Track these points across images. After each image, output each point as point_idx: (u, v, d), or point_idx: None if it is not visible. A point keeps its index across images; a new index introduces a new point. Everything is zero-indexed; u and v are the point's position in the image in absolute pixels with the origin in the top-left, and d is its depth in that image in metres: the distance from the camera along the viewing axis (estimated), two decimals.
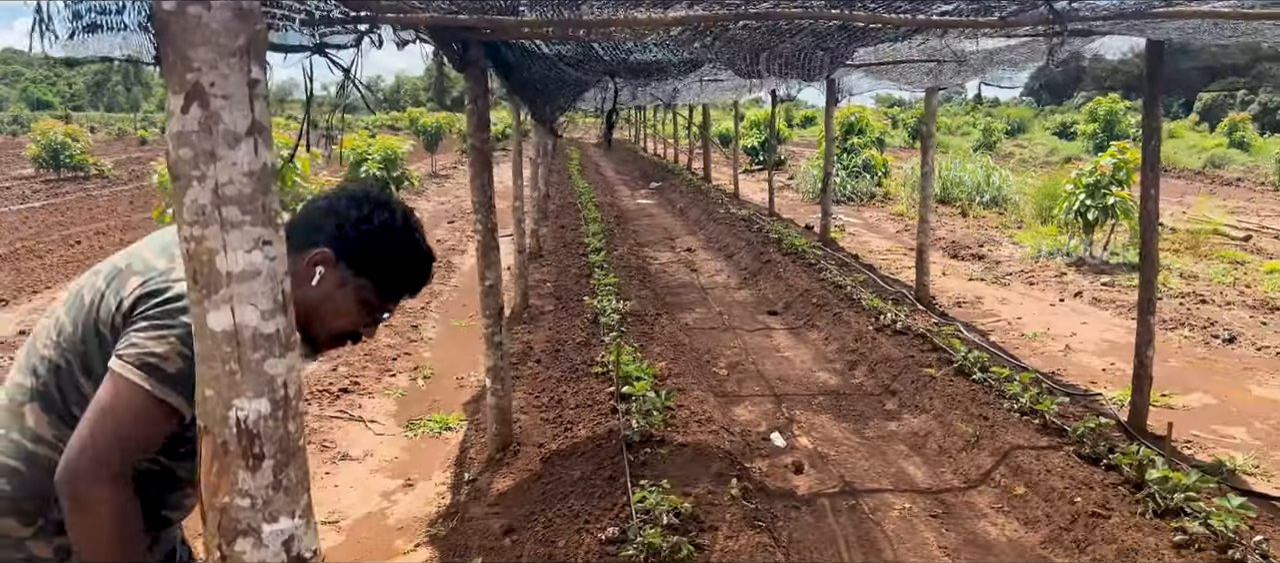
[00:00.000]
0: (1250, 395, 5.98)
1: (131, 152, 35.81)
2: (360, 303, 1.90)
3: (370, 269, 1.88)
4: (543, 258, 11.10)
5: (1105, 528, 3.88)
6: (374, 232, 1.87)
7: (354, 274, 1.87)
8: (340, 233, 1.86)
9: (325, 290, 1.85)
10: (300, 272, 1.81)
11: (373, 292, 1.90)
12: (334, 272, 1.85)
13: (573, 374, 6.19)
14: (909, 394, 5.89)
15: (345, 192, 1.94)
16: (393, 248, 1.90)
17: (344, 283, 1.86)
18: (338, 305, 1.88)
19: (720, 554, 3.72)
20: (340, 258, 1.85)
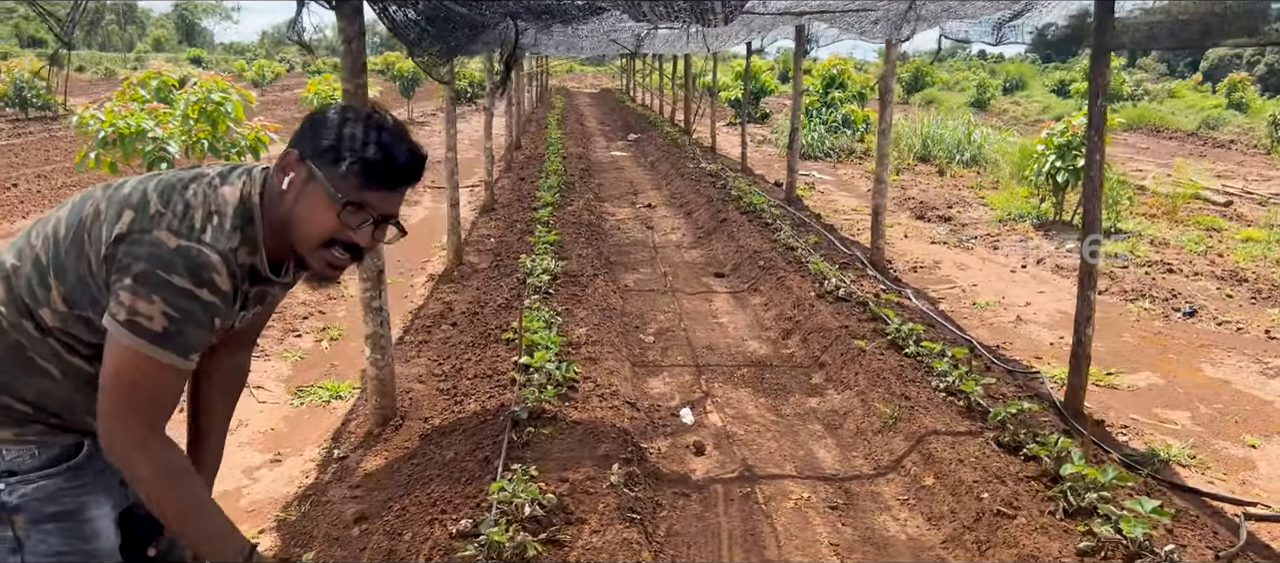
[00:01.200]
0: (1200, 376, 5.62)
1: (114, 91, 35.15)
2: (331, 197, 1.77)
3: (330, 153, 1.78)
4: (495, 211, 10.69)
5: (1009, 529, 3.52)
6: (336, 118, 1.81)
7: (319, 164, 1.78)
8: (305, 132, 1.83)
9: (294, 193, 1.80)
10: (273, 182, 1.82)
11: (339, 178, 1.77)
12: (301, 168, 1.80)
13: (483, 340, 5.81)
14: (837, 368, 5.53)
15: (319, 107, 1.90)
16: (351, 128, 1.79)
17: (311, 177, 1.78)
18: (311, 205, 1.79)
19: (579, 552, 3.37)
20: (305, 154, 1.80)
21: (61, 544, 1.83)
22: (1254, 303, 7.15)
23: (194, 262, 1.67)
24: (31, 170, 13.66)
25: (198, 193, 1.75)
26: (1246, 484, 4.22)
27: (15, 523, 1.80)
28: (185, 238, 1.68)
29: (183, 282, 1.66)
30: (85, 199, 1.80)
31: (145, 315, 1.65)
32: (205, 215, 1.72)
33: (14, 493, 1.79)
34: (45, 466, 1.82)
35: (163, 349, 1.67)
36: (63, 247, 1.75)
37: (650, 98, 31.46)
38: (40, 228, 1.81)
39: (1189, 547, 3.42)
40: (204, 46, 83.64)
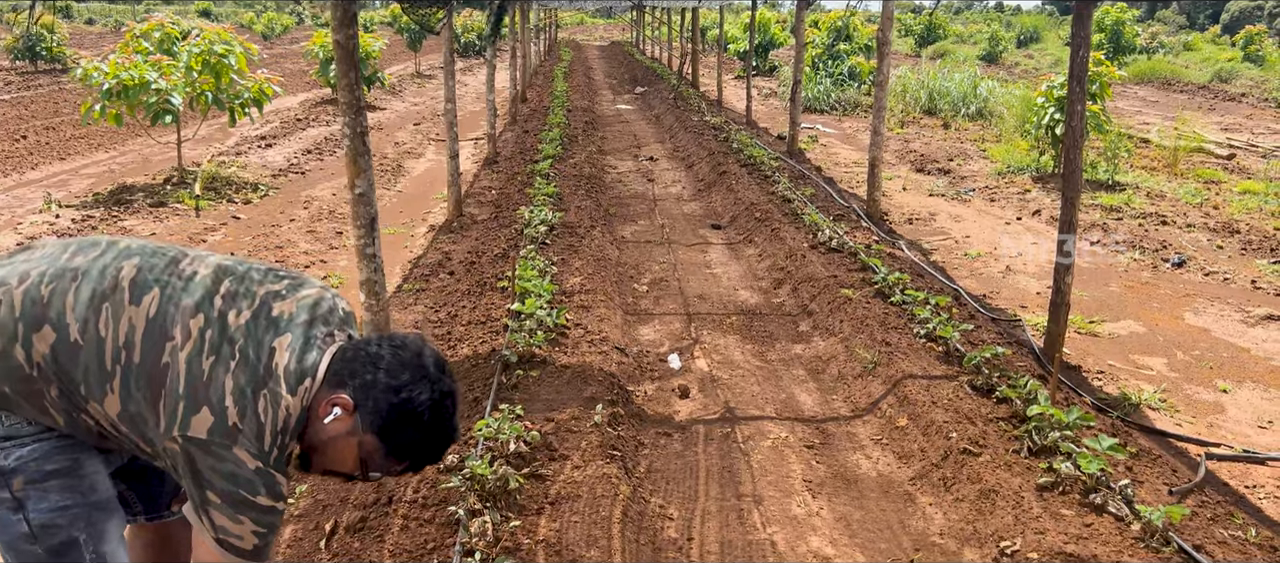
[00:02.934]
0: (1181, 324, 5.72)
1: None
2: (363, 458, 1.93)
3: (381, 432, 1.89)
4: (497, 164, 10.78)
5: (973, 466, 3.66)
6: (398, 403, 1.88)
7: (365, 430, 1.89)
8: (369, 387, 1.89)
9: (334, 434, 1.90)
10: (319, 406, 1.89)
11: (378, 454, 1.92)
12: (349, 420, 1.89)
13: (479, 288, 5.95)
14: (823, 316, 5.65)
15: (397, 345, 1.95)
16: (411, 421, 1.90)
17: (353, 434, 1.90)
18: (341, 452, 1.92)
19: (561, 486, 3.53)
20: (358, 409, 1.89)
21: (62, 498, 1.93)
22: (1243, 254, 7.21)
23: (271, 485, 1.81)
24: (41, 122, 13.80)
25: (268, 407, 1.81)
26: (1213, 426, 4.34)
27: (13, 485, 1.90)
28: (261, 460, 1.79)
29: (265, 502, 1.80)
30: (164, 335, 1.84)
31: (237, 535, 1.80)
32: (273, 434, 1.81)
33: (9, 456, 1.89)
34: (41, 431, 1.93)
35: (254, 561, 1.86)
36: (135, 374, 1.82)
37: (659, 51, 31.29)
38: (111, 317, 1.85)
39: (1146, 483, 3.55)
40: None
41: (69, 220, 7.80)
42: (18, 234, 7.44)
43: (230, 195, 8.92)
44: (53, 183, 9.61)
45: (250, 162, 10.70)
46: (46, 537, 1.92)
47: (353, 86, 4.42)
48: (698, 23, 20.35)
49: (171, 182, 9.24)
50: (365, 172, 4.54)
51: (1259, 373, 4.97)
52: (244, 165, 10.33)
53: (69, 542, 1.94)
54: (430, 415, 1.90)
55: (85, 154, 11.43)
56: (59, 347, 1.83)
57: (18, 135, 12.37)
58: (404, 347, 1.96)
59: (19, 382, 1.85)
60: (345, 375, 1.91)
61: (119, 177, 9.85)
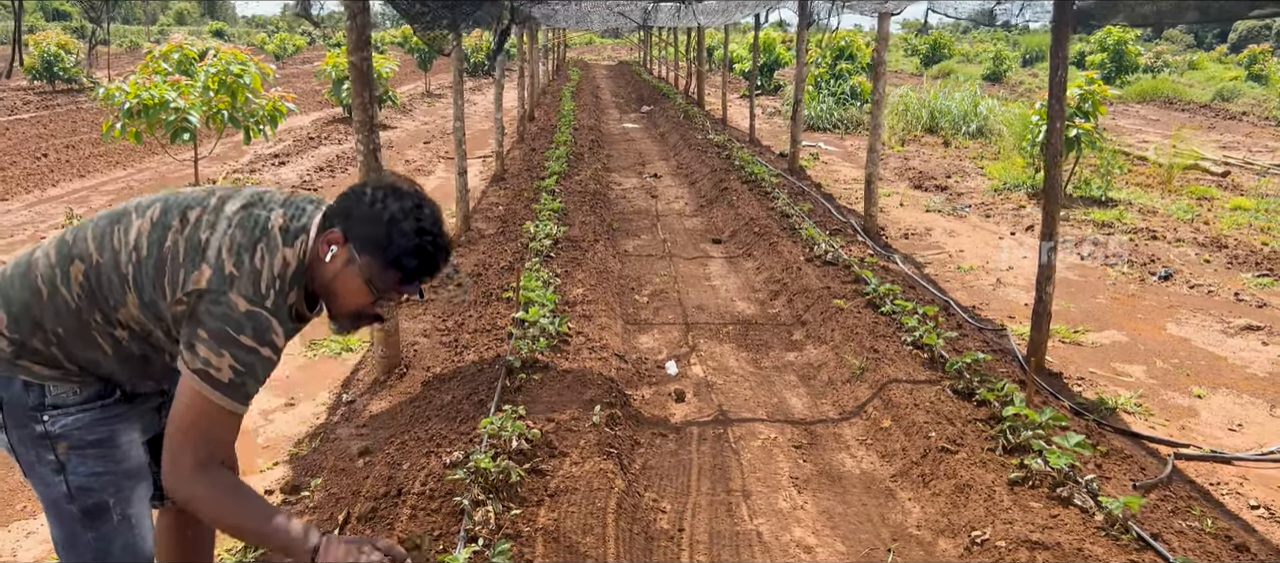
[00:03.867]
0: (1163, 334, 5.91)
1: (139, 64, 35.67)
2: (367, 282, 2.08)
3: (372, 247, 2.06)
4: (505, 181, 11.04)
5: (950, 463, 3.87)
6: (379, 216, 2.06)
7: (359, 251, 2.06)
8: (353, 215, 2.09)
9: (335, 268, 2.08)
10: (318, 250, 2.08)
11: (377, 271, 2.08)
12: (344, 249, 2.07)
13: (485, 299, 6.19)
14: (816, 325, 5.86)
15: (375, 181, 2.15)
16: (394, 230, 2.06)
17: (350, 261, 2.07)
18: (348, 283, 2.09)
19: (560, 480, 3.74)
20: (348, 238, 2.07)
21: (98, 466, 2.19)
22: (1229, 268, 7.41)
23: (260, 326, 1.98)
24: (61, 141, 14.13)
25: (263, 256, 2.02)
26: (1186, 429, 4.53)
27: (58, 449, 2.14)
28: (254, 303, 1.97)
29: (249, 341, 1.96)
30: (165, 227, 2.06)
31: (216, 368, 1.93)
32: (269, 281, 2.01)
33: (57, 423, 2.13)
34: (85, 401, 2.17)
35: (227, 398, 1.96)
36: (145, 268, 2.03)
37: (665, 70, 31.66)
38: (122, 233, 2.07)
39: (1114, 479, 3.75)
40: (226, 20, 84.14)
41: None
42: None
43: None
44: (73, 199, 9.90)
45: (264, 178, 10.99)
46: (82, 498, 2.16)
47: (367, 106, 4.67)
48: (704, 43, 20.67)
49: None
50: None
51: (1234, 380, 5.17)
52: (258, 182, 10.61)
53: (101, 504, 2.17)
54: (410, 221, 2.07)
55: (104, 171, 11.74)
56: (88, 272, 2.06)
57: (38, 153, 12.70)
58: (377, 180, 2.17)
59: (70, 319, 2.08)
60: (332, 217, 2.11)
61: (137, 193, 10.14)
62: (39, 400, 2.13)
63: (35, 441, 2.15)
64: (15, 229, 8.58)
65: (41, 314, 2.08)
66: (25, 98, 20.98)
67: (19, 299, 2.09)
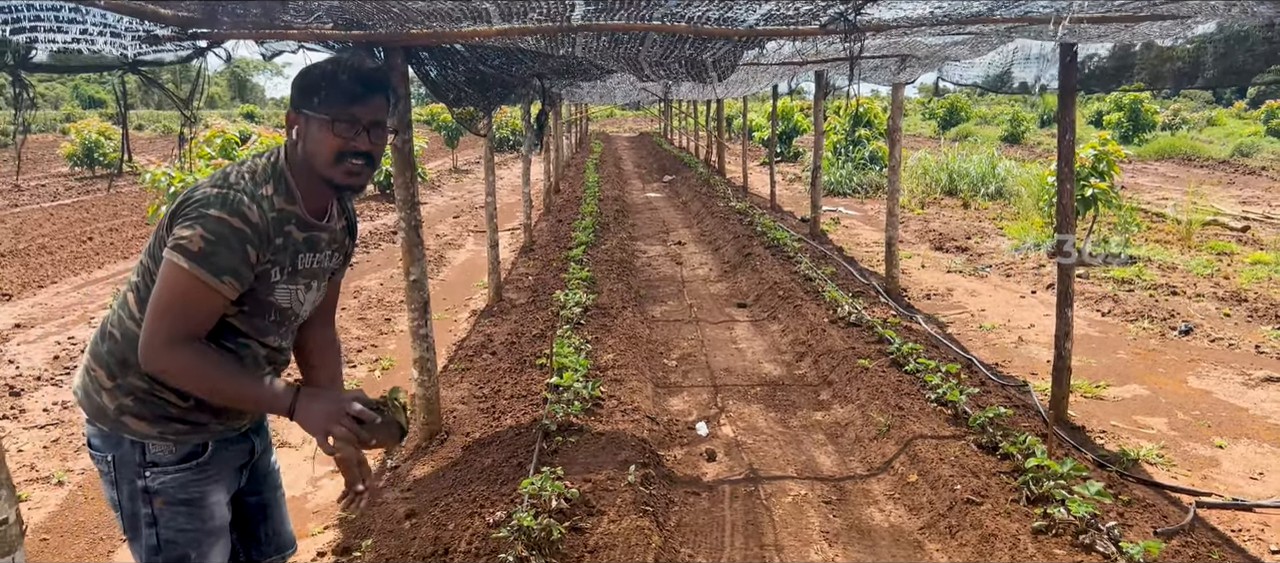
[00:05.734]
0: (1184, 387, 6.01)
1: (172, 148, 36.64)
2: (326, 126, 2.25)
3: (309, 99, 2.26)
4: (534, 252, 11.33)
5: (975, 514, 3.99)
6: (306, 74, 2.30)
7: (306, 110, 2.26)
8: (293, 94, 2.30)
9: (300, 136, 2.29)
10: (289, 144, 2.31)
11: (323, 112, 2.25)
12: (299, 118, 2.28)
13: (519, 366, 6.40)
14: (842, 385, 6.02)
15: None
16: (314, 76, 2.27)
17: (306, 120, 2.27)
18: (314, 137, 2.27)
19: (599, 537, 3.91)
20: (297, 108, 2.28)
21: (187, 523, 2.41)
22: (1249, 321, 7.50)
23: (227, 199, 2.17)
24: (103, 224, 14.62)
25: (232, 167, 2.30)
26: (1207, 478, 4.63)
27: (155, 503, 2.38)
28: (222, 187, 2.20)
29: (218, 213, 2.15)
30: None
31: (187, 239, 2.09)
32: (238, 174, 2.26)
33: (156, 480, 2.37)
34: (180, 460, 2.39)
35: (198, 266, 2.09)
36: (154, 248, 2.28)
37: (686, 140, 32.19)
38: (146, 246, 2.37)
39: (1136, 527, 3.87)
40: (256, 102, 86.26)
41: None
42: (92, 328, 8.03)
43: None
44: (119, 280, 10.27)
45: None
46: (168, 551, 2.38)
47: (408, 184, 4.95)
48: (723, 112, 21.11)
49: None
50: (419, 260, 5.05)
51: (1255, 430, 5.26)
52: None
53: (182, 557, 2.39)
54: (328, 63, 2.31)
55: None
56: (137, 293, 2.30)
57: (84, 237, 13.16)
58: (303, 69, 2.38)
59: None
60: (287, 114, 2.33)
61: None
62: (141, 458, 2.36)
63: (138, 494, 2.38)
64: (65, 310, 8.91)
65: (126, 352, 2.30)
66: (66, 184, 21.66)
67: (104, 349, 2.35)
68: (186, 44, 2.80)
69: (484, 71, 5.01)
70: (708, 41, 3.26)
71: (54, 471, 5.15)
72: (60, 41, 2.41)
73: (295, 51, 4.33)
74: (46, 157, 30.77)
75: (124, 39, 2.56)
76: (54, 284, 10.08)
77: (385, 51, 4.66)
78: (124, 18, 2.50)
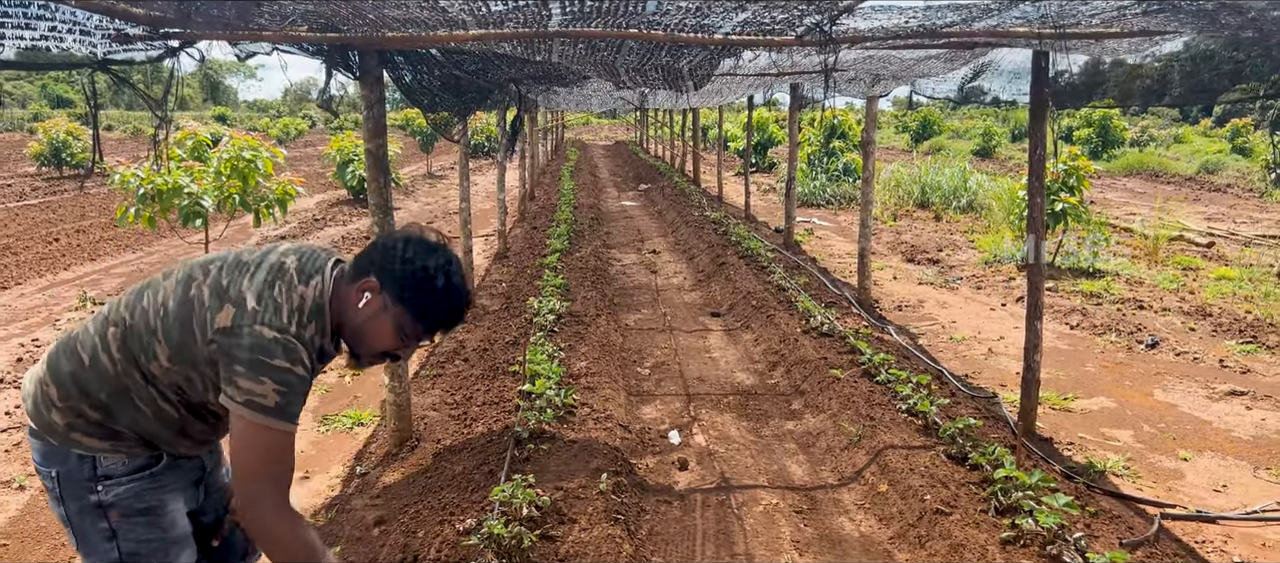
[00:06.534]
0: (1150, 400, 6.09)
1: (142, 150, 36.21)
2: (397, 329, 2.27)
3: (407, 300, 2.25)
4: (508, 258, 11.29)
5: (945, 525, 4.02)
6: (414, 268, 2.25)
7: (393, 302, 2.25)
8: (387, 266, 2.26)
9: (369, 313, 2.27)
10: (351, 296, 2.27)
11: (408, 320, 2.27)
12: (377, 298, 2.25)
13: (492, 373, 6.37)
14: (814, 395, 6.04)
15: (404, 233, 2.35)
16: (428, 285, 2.26)
17: (385, 308, 2.26)
18: (379, 328, 2.27)
19: (570, 546, 3.89)
20: (384, 287, 2.25)
21: (147, 533, 2.37)
22: (1214, 336, 7.62)
23: (289, 348, 2.15)
24: (70, 226, 14.42)
25: (282, 291, 2.21)
26: (1172, 490, 4.69)
27: (111, 517, 2.33)
28: (279, 331, 2.15)
29: (283, 363, 2.13)
30: (189, 280, 2.25)
31: (260, 395, 2.09)
32: (290, 312, 2.19)
33: (109, 493, 2.32)
34: (133, 471, 2.35)
35: (278, 419, 2.12)
36: (171, 318, 2.20)
37: (662, 149, 32.26)
38: (150, 295, 2.28)
39: (1102, 538, 3.91)
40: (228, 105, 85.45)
41: None
42: (56, 330, 7.91)
43: None
44: (85, 282, 10.13)
45: None
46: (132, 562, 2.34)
47: (382, 189, 4.92)
48: (699, 122, 21.17)
49: None
50: None
51: (1219, 443, 5.34)
52: None
53: None
54: (443, 279, 2.27)
55: (114, 255, 11.99)
56: (123, 334, 2.25)
57: (50, 238, 12.97)
58: (407, 232, 2.36)
59: (112, 383, 2.26)
60: (365, 265, 2.29)
61: (148, 275, 10.34)
62: (92, 472, 2.30)
63: (90, 510, 2.33)
64: (30, 312, 8.78)
65: (87, 381, 2.26)
66: (33, 184, 21.35)
67: (67, 370, 2.29)
68: (158, 43, 2.77)
69: (460, 77, 4.99)
70: (684, 49, 3.28)
71: (15, 475, 5.07)
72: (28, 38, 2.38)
73: (269, 53, 4.29)
74: (13, 156, 30.28)
75: (94, 37, 2.53)
76: (18, 285, 9.92)
77: (360, 55, 4.64)
78: (94, 15, 2.47)
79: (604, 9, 2.66)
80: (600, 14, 2.73)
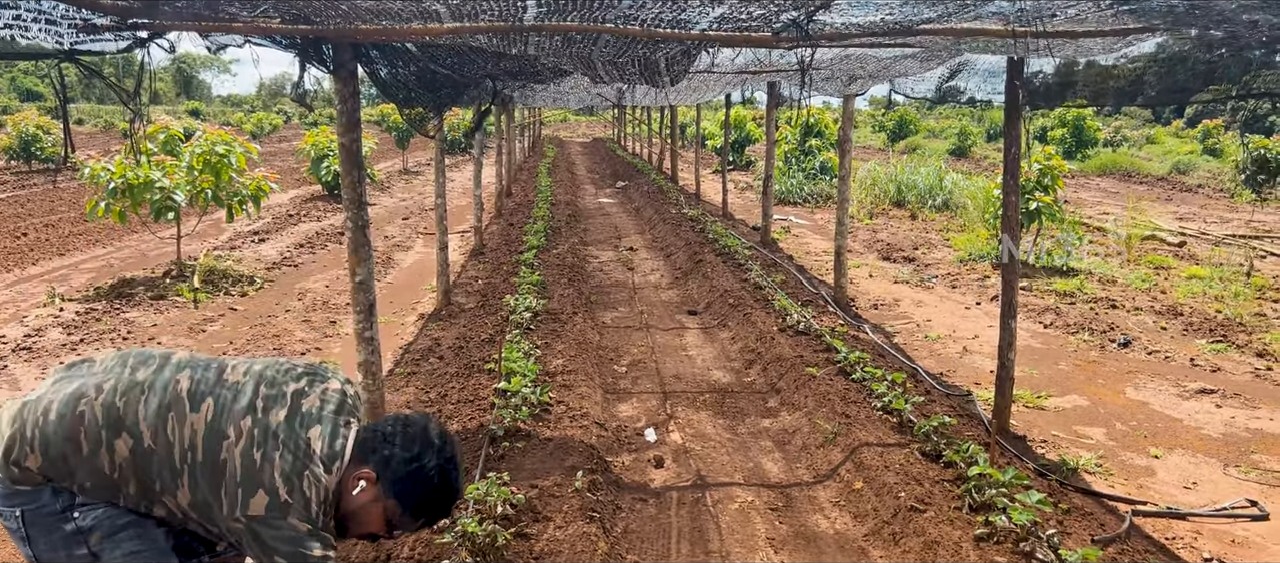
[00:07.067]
0: (1122, 398, 6.14)
1: (114, 145, 35.77)
2: (387, 519, 2.37)
3: (401, 495, 2.34)
4: (484, 255, 11.24)
5: (918, 522, 4.03)
6: (413, 469, 2.34)
7: (386, 496, 2.33)
8: (387, 460, 2.34)
9: (363, 502, 2.34)
10: (348, 482, 2.32)
11: (398, 513, 2.37)
12: (373, 488, 2.33)
13: (467, 370, 6.33)
14: (790, 392, 6.05)
15: (406, 422, 2.43)
16: (425, 484, 2.36)
17: (378, 500, 2.34)
18: (370, 516, 2.36)
19: (545, 544, 3.87)
20: (380, 479, 2.33)
21: (134, 546, 2.32)
22: (1185, 334, 7.70)
23: (324, 540, 2.23)
24: (39, 220, 14.21)
25: (310, 483, 2.23)
26: (1144, 487, 4.73)
27: (91, 540, 2.28)
28: (311, 524, 2.20)
29: (319, 552, 2.20)
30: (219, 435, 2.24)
31: None
32: (317, 506, 2.23)
33: (87, 517, 2.28)
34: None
35: None
36: (200, 471, 2.23)
37: (640, 146, 32.24)
38: (177, 424, 2.25)
39: (1074, 535, 3.94)
40: (202, 99, 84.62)
41: (72, 313, 8.16)
42: (24, 326, 7.79)
43: (227, 288, 9.31)
44: (54, 277, 9.98)
45: (245, 256, 11.13)
46: None
47: (355, 184, 4.87)
48: (676, 120, 21.17)
49: (170, 275, 9.63)
50: (366, 261, 4.96)
51: (1189, 440, 5.39)
52: (239, 259, 10.75)
53: None
54: (439, 478, 2.37)
55: (84, 250, 11.83)
56: (136, 450, 2.23)
57: (18, 233, 12.78)
58: (412, 423, 2.43)
59: (100, 479, 2.24)
60: (366, 453, 2.35)
61: (118, 271, 10.22)
62: (68, 502, 2.27)
63: (66, 540, 2.27)
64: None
65: (76, 466, 2.23)
66: (1, 178, 21.04)
67: (57, 448, 2.23)
68: (126, 34, 2.72)
69: (435, 72, 4.95)
70: (661, 42, 3.27)
71: None
72: None
73: (241, 46, 4.23)
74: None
75: (60, 27, 2.49)
76: None
77: (334, 48, 4.58)
78: (60, 5, 2.42)
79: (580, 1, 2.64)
80: (576, 6, 2.71)
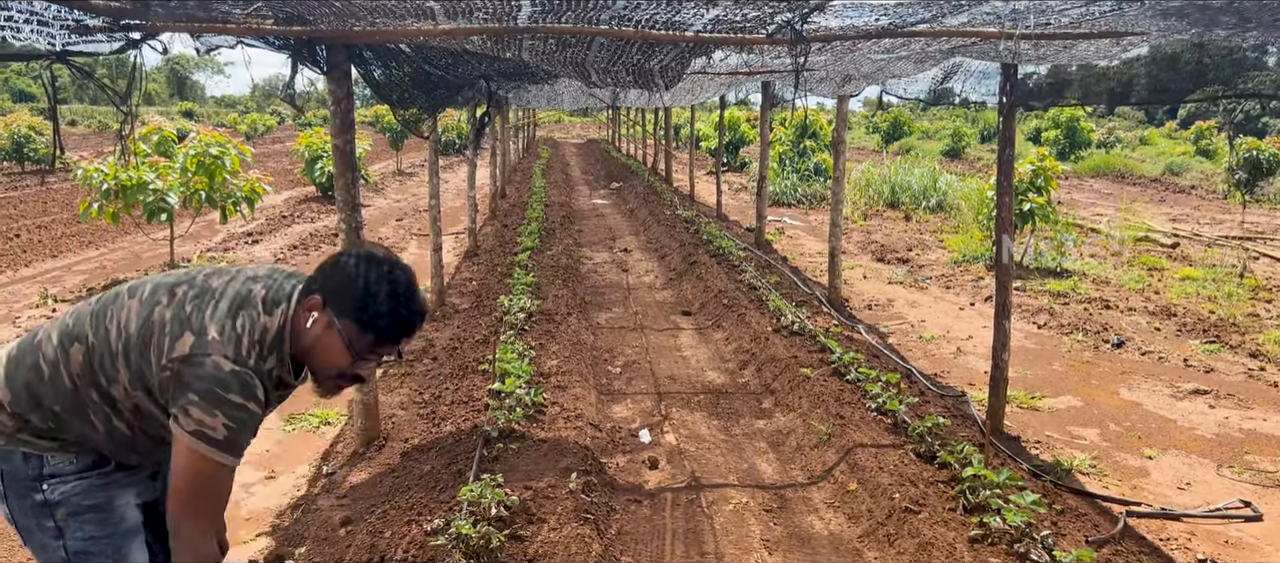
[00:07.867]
0: (1116, 399, 6.15)
1: (107, 145, 35.64)
2: (347, 345, 2.22)
3: (351, 313, 2.21)
4: (478, 256, 11.22)
5: (913, 523, 4.03)
6: (356, 283, 2.22)
7: (338, 317, 2.21)
8: (331, 283, 2.25)
9: (316, 333, 2.23)
10: (299, 317, 2.24)
11: (355, 333, 2.22)
12: (324, 315, 2.23)
13: (461, 372, 6.32)
14: (785, 393, 6.04)
15: (353, 252, 2.32)
16: (369, 298, 2.21)
17: (330, 326, 2.22)
18: (329, 346, 2.23)
19: (539, 545, 3.86)
20: (328, 304, 2.22)
21: (95, 530, 2.33)
22: (1179, 335, 7.72)
23: (245, 383, 2.12)
24: (31, 221, 14.16)
25: (245, 323, 2.18)
26: (1137, 488, 4.74)
27: (57, 515, 2.30)
28: (237, 363, 2.12)
29: (237, 398, 2.11)
30: (154, 302, 2.23)
31: (210, 427, 2.07)
32: (250, 344, 2.17)
33: (55, 491, 2.29)
34: (82, 470, 2.33)
35: (224, 453, 2.11)
36: (133, 341, 2.19)
37: (634, 147, 32.23)
38: (115, 313, 2.25)
39: (1069, 536, 3.94)
40: (195, 100, 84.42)
41: None
42: (16, 328, 7.75)
43: None
44: (47, 279, 9.94)
45: (238, 257, 11.10)
46: (79, 561, 2.30)
47: (350, 185, 4.86)
48: (671, 121, 21.18)
49: None
50: None
51: (1182, 441, 5.40)
52: (232, 260, 10.71)
53: None
54: (387, 287, 2.22)
55: (77, 251, 11.78)
56: (85, 353, 2.22)
57: (10, 234, 12.72)
58: (353, 249, 2.35)
59: (68, 397, 2.23)
60: (311, 286, 2.28)
61: (111, 272, 10.19)
62: (38, 471, 2.28)
63: (35, 509, 2.28)
64: None
65: (42, 393, 2.23)
66: None
67: (22, 379, 2.25)
68: (118, 35, 2.71)
69: (429, 72, 4.94)
70: (655, 48, 3.27)
71: None
72: None
73: (234, 47, 4.22)
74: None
75: (52, 28, 2.48)
76: None
77: (328, 49, 4.58)
78: (52, 6, 2.41)
79: (575, 1, 2.63)
80: (571, 7, 2.71)
